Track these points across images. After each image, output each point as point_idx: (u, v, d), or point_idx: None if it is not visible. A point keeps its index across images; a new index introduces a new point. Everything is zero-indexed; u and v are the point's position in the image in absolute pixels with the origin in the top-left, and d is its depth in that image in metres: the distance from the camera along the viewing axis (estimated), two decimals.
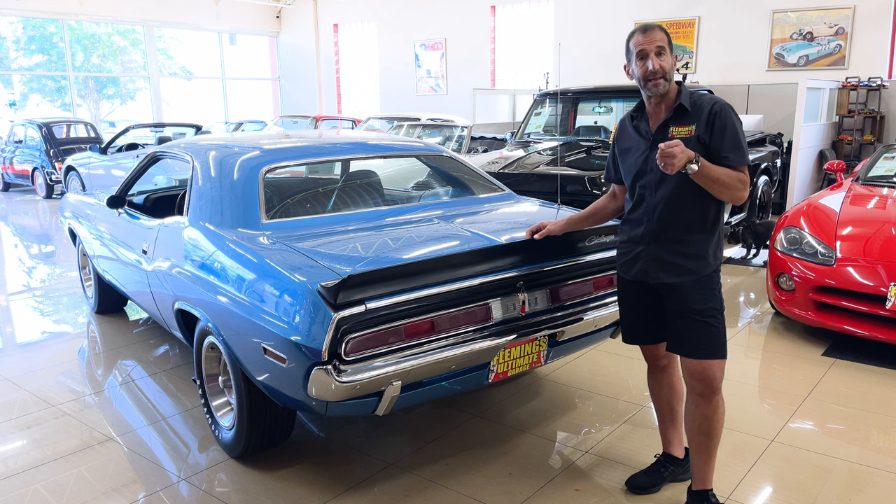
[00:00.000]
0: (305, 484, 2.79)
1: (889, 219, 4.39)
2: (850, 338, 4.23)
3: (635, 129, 2.48)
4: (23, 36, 19.35)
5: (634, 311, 2.61)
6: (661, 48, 2.29)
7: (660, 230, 2.39)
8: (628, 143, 2.51)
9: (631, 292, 2.58)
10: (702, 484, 2.49)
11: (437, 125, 8.91)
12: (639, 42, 2.30)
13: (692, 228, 2.36)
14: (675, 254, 2.38)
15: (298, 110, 17.46)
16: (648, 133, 2.41)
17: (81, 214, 4.75)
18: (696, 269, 2.37)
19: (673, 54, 2.33)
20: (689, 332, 2.38)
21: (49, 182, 11.46)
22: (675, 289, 2.39)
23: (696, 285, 2.37)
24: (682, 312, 2.38)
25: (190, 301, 3.02)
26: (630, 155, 2.48)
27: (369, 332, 2.34)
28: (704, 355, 2.36)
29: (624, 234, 2.54)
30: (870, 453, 2.98)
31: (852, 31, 9.90)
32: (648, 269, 2.44)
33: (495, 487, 2.75)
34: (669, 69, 2.30)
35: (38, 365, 4.13)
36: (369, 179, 3.87)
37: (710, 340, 2.37)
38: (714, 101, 2.33)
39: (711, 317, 2.37)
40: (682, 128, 2.32)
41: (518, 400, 3.53)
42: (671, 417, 2.74)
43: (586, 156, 5.80)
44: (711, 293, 2.39)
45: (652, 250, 2.42)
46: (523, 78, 13.92)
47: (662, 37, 2.30)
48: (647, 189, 2.41)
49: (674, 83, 2.36)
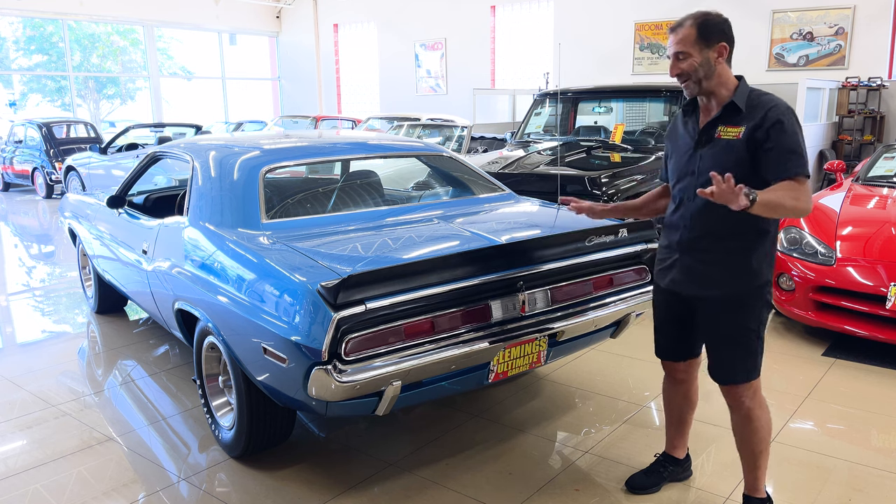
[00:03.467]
0: (305, 484, 2.79)
1: (889, 219, 4.39)
2: (850, 338, 4.23)
3: (684, 126, 2.33)
4: (22, 36, 19.36)
5: (664, 322, 2.49)
6: (680, 53, 2.17)
7: (696, 238, 2.25)
8: (677, 140, 2.37)
9: (663, 302, 2.46)
10: (749, 490, 2.44)
11: (437, 125, 8.91)
12: (668, 44, 2.22)
13: (732, 238, 2.20)
14: (710, 265, 2.23)
15: (298, 110, 17.46)
16: (695, 131, 2.27)
17: (81, 214, 4.75)
18: (734, 283, 2.22)
19: (709, 48, 2.15)
20: (715, 353, 2.29)
21: (49, 182, 11.45)
22: (707, 303, 2.26)
23: (732, 302, 2.22)
24: (710, 331, 2.28)
25: (190, 301, 3.02)
26: (676, 154, 2.35)
27: (369, 332, 2.34)
28: (727, 381, 2.28)
29: (664, 238, 2.41)
30: (870, 453, 2.98)
31: (852, 31, 9.90)
32: (682, 280, 2.31)
33: (495, 487, 2.75)
34: (693, 70, 2.16)
35: (38, 365, 4.13)
36: (369, 179, 3.87)
37: (733, 365, 2.25)
38: (773, 104, 2.14)
39: (744, 337, 2.23)
40: (731, 128, 2.16)
41: (518, 400, 3.53)
42: (679, 424, 2.70)
43: (586, 156, 5.79)
44: (750, 312, 2.23)
45: (686, 259, 2.29)
46: (523, 78, 13.92)
47: (683, 37, 2.16)
48: (685, 192, 2.27)
49: (731, 78, 2.21)
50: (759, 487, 2.43)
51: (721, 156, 2.18)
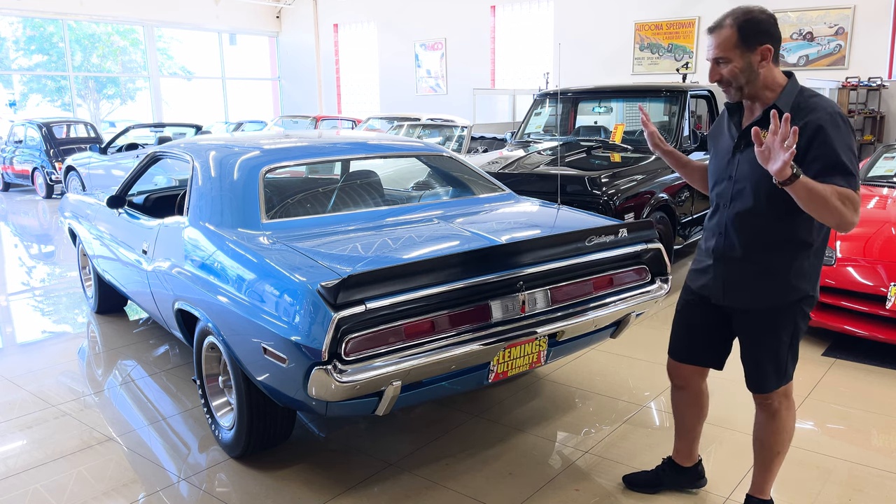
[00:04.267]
0: (305, 484, 2.79)
1: (889, 219, 4.39)
2: (850, 338, 4.23)
3: (727, 126, 2.20)
4: (22, 36, 19.36)
5: (689, 325, 2.39)
6: (720, 58, 2.02)
7: (731, 247, 2.14)
8: (719, 140, 2.24)
9: (689, 304, 2.36)
10: (756, 491, 2.41)
11: (437, 125, 8.92)
12: (707, 46, 2.08)
13: (770, 250, 2.08)
14: (744, 277, 2.13)
15: (298, 110, 17.47)
16: (737, 133, 2.13)
17: (81, 214, 4.75)
18: (768, 298, 2.11)
19: (751, 52, 1.99)
20: (750, 362, 2.23)
21: (49, 182, 11.46)
22: (739, 315, 2.20)
23: (765, 317, 2.14)
24: (748, 343, 2.22)
25: (190, 301, 3.02)
26: (716, 155, 2.23)
27: (369, 332, 2.33)
28: (758, 390, 2.25)
29: (703, 241, 2.31)
30: (870, 453, 2.98)
31: (852, 31, 9.91)
32: (714, 288, 2.23)
33: (495, 487, 2.75)
34: (735, 76, 2.02)
35: (38, 365, 4.13)
36: (369, 179, 3.87)
37: (766, 376, 2.19)
38: (821, 108, 1.96)
39: (777, 350, 2.16)
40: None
41: (518, 400, 3.53)
42: (687, 432, 2.62)
43: (586, 156, 5.80)
44: (784, 326, 2.13)
45: (720, 268, 2.18)
46: (523, 78, 13.92)
47: (723, 39, 2.00)
48: (722, 198, 2.15)
49: (778, 78, 2.04)
50: (767, 490, 2.40)
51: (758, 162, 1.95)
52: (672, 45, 11.66)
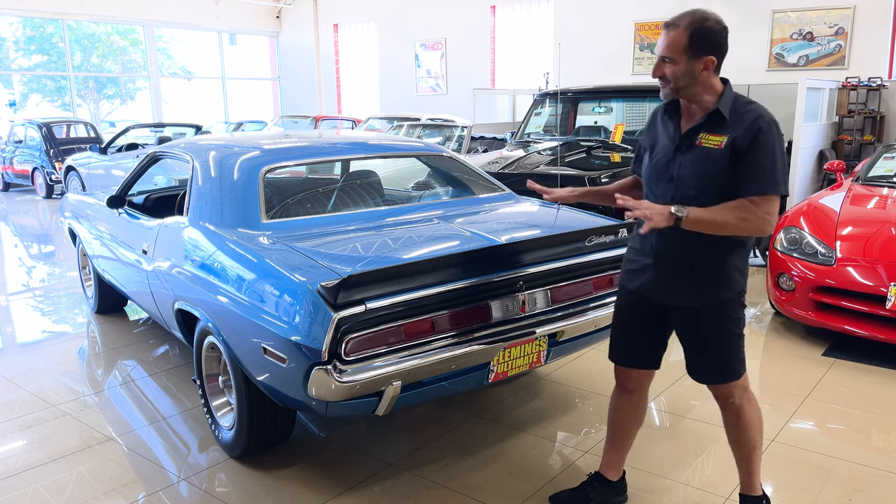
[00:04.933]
0: (305, 484, 2.79)
1: (889, 219, 4.39)
2: (850, 338, 4.23)
3: (664, 126, 2.25)
4: (22, 36, 19.37)
5: (628, 327, 2.40)
6: (665, 58, 2.09)
7: (671, 245, 2.17)
8: (654, 138, 2.28)
9: (629, 305, 2.37)
10: (746, 488, 2.41)
11: (437, 125, 8.91)
12: (658, 41, 2.14)
13: (708, 248, 2.12)
14: (686, 274, 2.17)
15: (298, 110, 17.46)
16: (676, 135, 2.18)
17: (81, 214, 4.75)
18: (709, 293, 2.16)
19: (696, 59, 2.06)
20: (700, 358, 2.25)
21: (49, 182, 11.45)
22: (684, 312, 2.22)
23: (710, 311, 2.18)
24: (691, 339, 2.24)
25: (190, 301, 3.02)
26: (653, 155, 2.25)
27: (369, 332, 2.33)
28: (718, 381, 2.25)
29: (635, 241, 2.34)
30: (870, 453, 2.98)
31: (852, 31, 9.90)
32: (653, 287, 2.25)
33: (495, 487, 2.74)
34: (675, 77, 2.09)
35: (38, 365, 4.13)
36: (369, 179, 3.87)
37: (720, 367, 2.22)
38: (759, 115, 2.07)
39: (727, 341, 2.20)
40: (713, 136, 2.08)
41: (518, 400, 3.53)
42: (619, 440, 2.55)
43: (586, 156, 5.80)
44: (728, 318, 2.19)
45: (660, 266, 2.21)
46: (523, 78, 13.92)
47: (673, 41, 2.07)
48: (659, 200, 2.16)
49: (716, 84, 2.12)
50: (756, 485, 2.40)
51: (701, 164, 2.10)
52: None
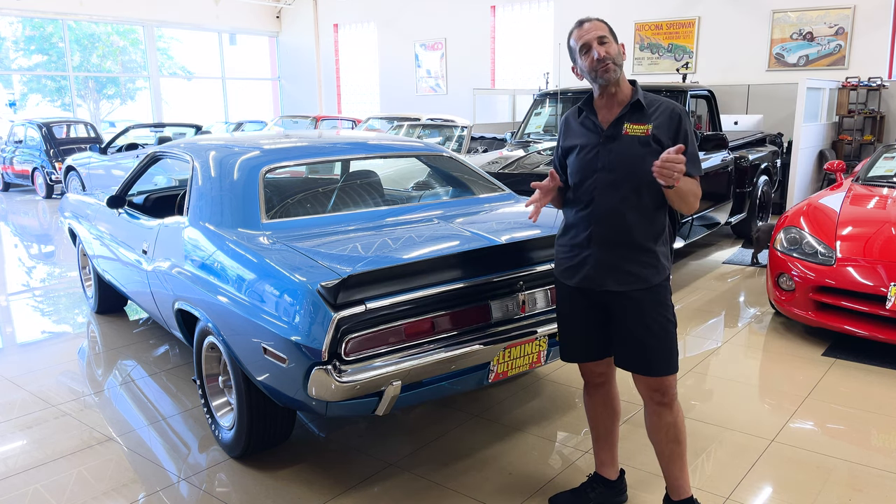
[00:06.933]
0: (305, 484, 2.79)
1: (889, 219, 4.39)
2: (850, 338, 4.23)
3: (582, 125, 2.31)
4: (22, 36, 19.36)
5: (575, 323, 2.41)
6: (603, 37, 2.20)
7: (610, 233, 2.23)
8: (575, 140, 2.32)
9: (572, 302, 2.38)
10: (683, 493, 2.38)
11: (437, 125, 8.91)
12: (579, 35, 2.24)
13: (645, 233, 2.22)
14: (626, 260, 2.22)
15: (298, 110, 17.46)
16: (599, 128, 2.25)
17: (81, 214, 4.75)
18: (648, 276, 2.22)
19: (619, 43, 2.24)
20: (641, 348, 2.25)
21: (49, 182, 11.46)
22: (626, 298, 2.24)
23: (647, 295, 2.23)
24: (634, 326, 2.25)
25: (190, 301, 3.02)
26: (578, 152, 2.30)
27: (369, 332, 2.34)
28: (661, 373, 2.26)
29: (566, 237, 2.35)
30: (870, 453, 2.98)
31: (852, 31, 9.90)
32: (595, 276, 2.26)
33: (495, 487, 2.74)
34: (616, 55, 2.20)
35: (38, 365, 4.13)
36: (369, 179, 3.87)
37: (664, 357, 2.25)
38: (674, 105, 2.23)
39: (664, 330, 2.24)
40: (637, 126, 2.20)
41: (518, 400, 3.53)
42: (606, 437, 2.59)
43: None
44: (664, 304, 2.25)
45: (601, 255, 2.24)
46: (523, 78, 13.91)
47: (602, 26, 2.23)
48: (597, 190, 2.23)
49: (627, 81, 2.27)
50: (689, 487, 2.39)
51: (632, 150, 2.20)
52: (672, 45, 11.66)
